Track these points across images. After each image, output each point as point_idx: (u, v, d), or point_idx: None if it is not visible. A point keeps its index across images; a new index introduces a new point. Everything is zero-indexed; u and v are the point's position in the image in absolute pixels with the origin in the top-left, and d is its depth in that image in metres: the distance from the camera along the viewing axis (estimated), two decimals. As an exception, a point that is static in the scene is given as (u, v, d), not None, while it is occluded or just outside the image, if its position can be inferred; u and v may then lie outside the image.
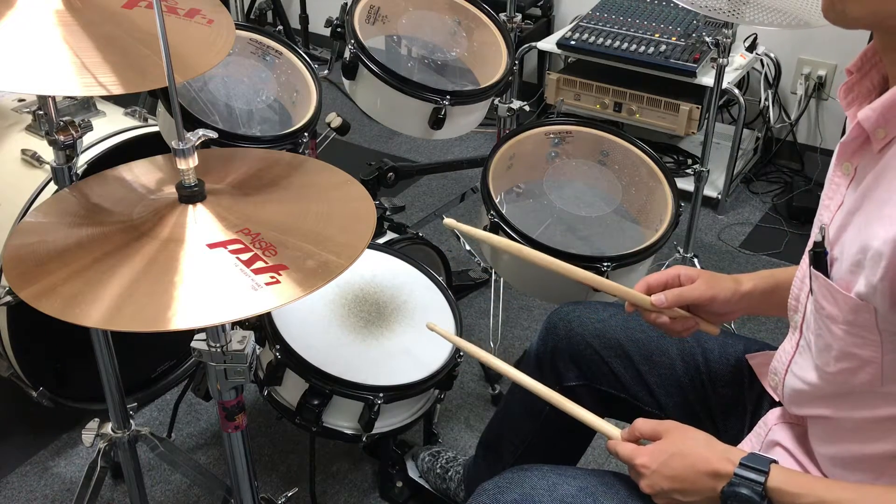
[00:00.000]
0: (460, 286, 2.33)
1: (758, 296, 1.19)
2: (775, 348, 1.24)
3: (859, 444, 0.97)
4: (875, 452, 0.95)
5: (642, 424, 1.06)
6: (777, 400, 1.15)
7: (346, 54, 1.78)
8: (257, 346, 1.46)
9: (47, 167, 1.66)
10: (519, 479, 1.09)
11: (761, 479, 0.93)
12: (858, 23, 0.87)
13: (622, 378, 1.29)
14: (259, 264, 0.89)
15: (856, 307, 0.89)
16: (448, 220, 1.32)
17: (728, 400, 1.23)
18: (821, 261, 0.94)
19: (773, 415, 1.13)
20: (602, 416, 1.39)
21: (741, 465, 0.95)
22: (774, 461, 0.96)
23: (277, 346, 1.42)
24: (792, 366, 1.07)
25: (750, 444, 1.13)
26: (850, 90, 0.96)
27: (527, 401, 1.41)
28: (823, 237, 0.95)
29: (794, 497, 0.93)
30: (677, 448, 1.00)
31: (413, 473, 1.77)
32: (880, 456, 0.95)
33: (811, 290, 0.97)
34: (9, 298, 1.60)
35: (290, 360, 1.42)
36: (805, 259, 1.02)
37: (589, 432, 1.44)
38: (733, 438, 1.20)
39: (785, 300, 1.09)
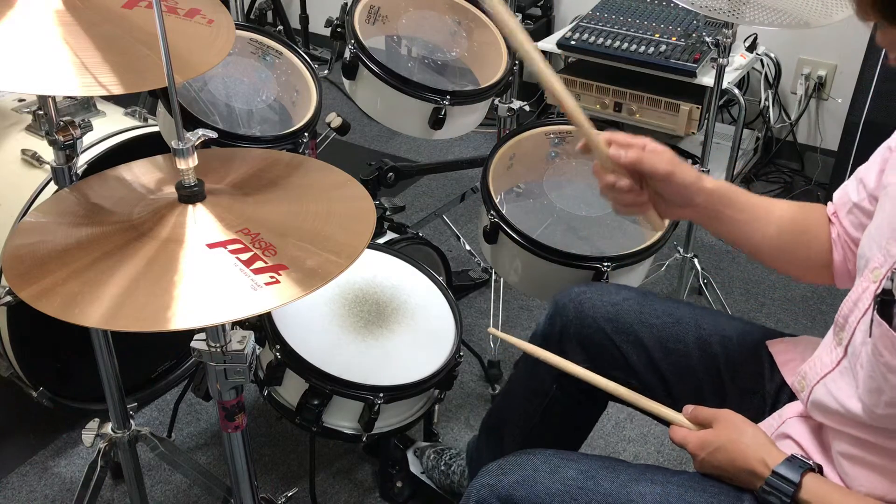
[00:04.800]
0: (460, 286, 2.33)
1: (716, 200, 1.14)
2: (794, 335, 1.20)
3: (888, 460, 0.95)
4: None
5: (702, 411, 1.09)
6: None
7: (346, 54, 1.78)
8: (257, 346, 1.47)
9: (47, 167, 1.66)
10: (521, 462, 1.10)
11: (790, 489, 0.95)
12: None
13: (634, 365, 1.24)
14: (259, 264, 0.89)
15: None
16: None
17: (745, 391, 1.19)
18: (887, 309, 0.90)
19: (790, 408, 1.11)
20: (605, 401, 1.38)
21: (774, 472, 0.96)
22: (812, 469, 0.96)
23: (277, 346, 1.42)
24: (827, 381, 1.02)
25: None
26: None
27: (530, 385, 1.39)
28: (894, 283, 0.91)
29: None
30: (722, 442, 1.03)
31: (415, 468, 1.76)
32: None
33: (871, 332, 0.93)
34: (9, 298, 1.60)
35: (290, 360, 1.42)
36: (865, 293, 0.98)
37: (592, 417, 1.42)
38: None
39: (737, 222, 1.10)
